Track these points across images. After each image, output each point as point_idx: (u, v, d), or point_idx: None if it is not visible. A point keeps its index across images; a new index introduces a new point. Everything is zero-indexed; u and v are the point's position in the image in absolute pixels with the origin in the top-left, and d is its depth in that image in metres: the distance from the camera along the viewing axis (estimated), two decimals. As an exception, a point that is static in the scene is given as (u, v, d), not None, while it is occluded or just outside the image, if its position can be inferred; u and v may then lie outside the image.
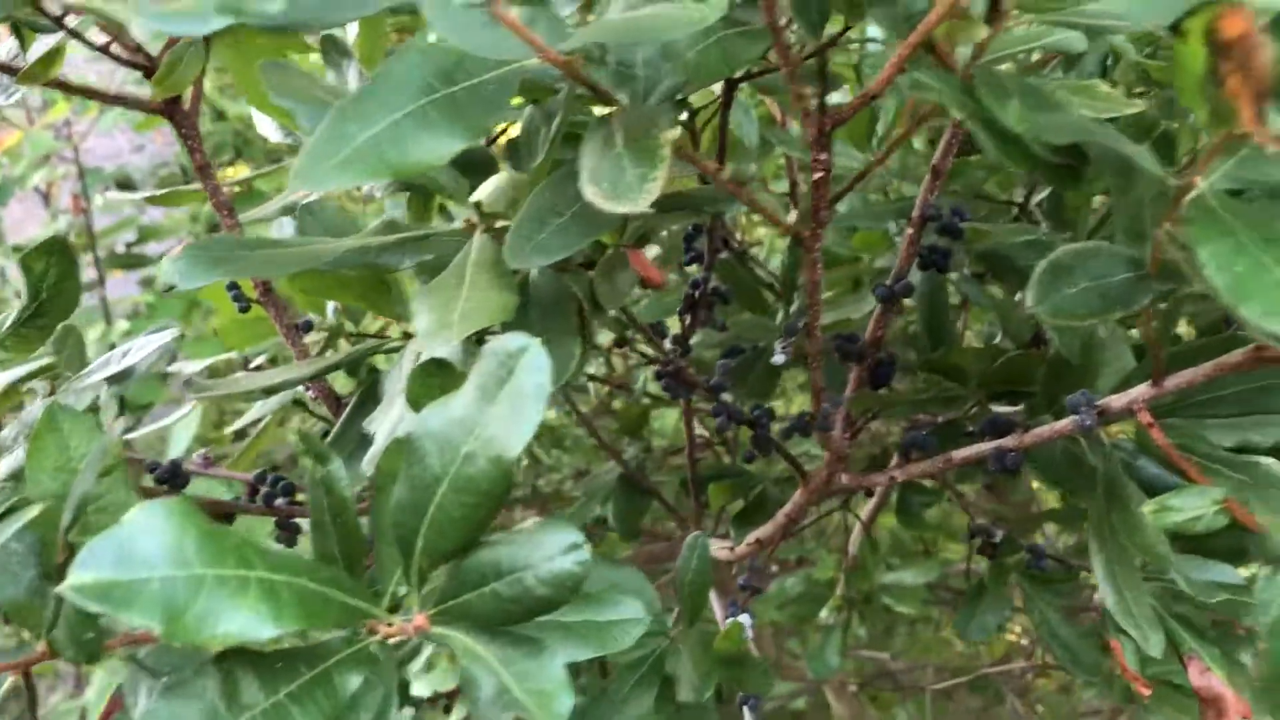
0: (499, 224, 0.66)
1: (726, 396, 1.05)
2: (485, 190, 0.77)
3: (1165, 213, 0.53)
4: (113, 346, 0.85)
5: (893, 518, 1.93)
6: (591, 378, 1.65)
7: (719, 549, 1.17)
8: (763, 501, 1.23)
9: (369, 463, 0.60)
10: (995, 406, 0.93)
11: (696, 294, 1.04)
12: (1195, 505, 0.62)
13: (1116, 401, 0.70)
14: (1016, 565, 1.08)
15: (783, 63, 0.57)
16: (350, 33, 0.97)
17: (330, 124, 0.48)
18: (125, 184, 3.22)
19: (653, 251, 1.24)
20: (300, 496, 0.87)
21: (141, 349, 0.74)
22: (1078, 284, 0.56)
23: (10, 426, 0.68)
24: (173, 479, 0.81)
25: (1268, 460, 0.79)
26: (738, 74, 0.83)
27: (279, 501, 0.84)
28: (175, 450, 2.69)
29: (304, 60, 1.33)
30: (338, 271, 0.74)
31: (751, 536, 1.11)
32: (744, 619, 0.90)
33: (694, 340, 1.22)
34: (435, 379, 0.58)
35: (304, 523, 0.90)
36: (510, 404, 0.45)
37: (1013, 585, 1.11)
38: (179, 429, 2.79)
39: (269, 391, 0.72)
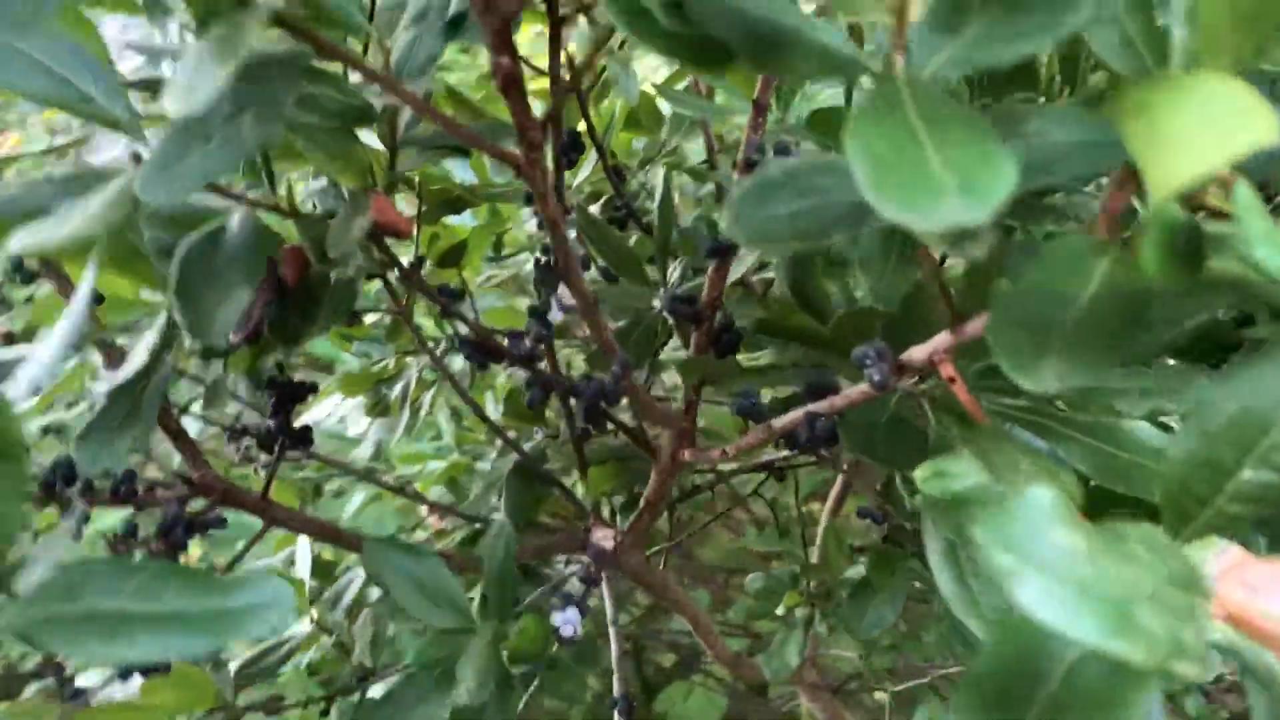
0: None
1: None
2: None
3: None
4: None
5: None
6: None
7: (603, 538, 1.08)
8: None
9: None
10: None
11: (549, 260, 0.95)
12: (971, 471, 0.51)
13: (918, 353, 0.59)
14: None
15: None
16: None
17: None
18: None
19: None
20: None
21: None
22: (791, 204, 0.46)
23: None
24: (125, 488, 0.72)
25: (1137, 424, 0.68)
26: None
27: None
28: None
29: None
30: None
31: (627, 524, 1.02)
32: (567, 615, 0.81)
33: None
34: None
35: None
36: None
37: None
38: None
39: None
